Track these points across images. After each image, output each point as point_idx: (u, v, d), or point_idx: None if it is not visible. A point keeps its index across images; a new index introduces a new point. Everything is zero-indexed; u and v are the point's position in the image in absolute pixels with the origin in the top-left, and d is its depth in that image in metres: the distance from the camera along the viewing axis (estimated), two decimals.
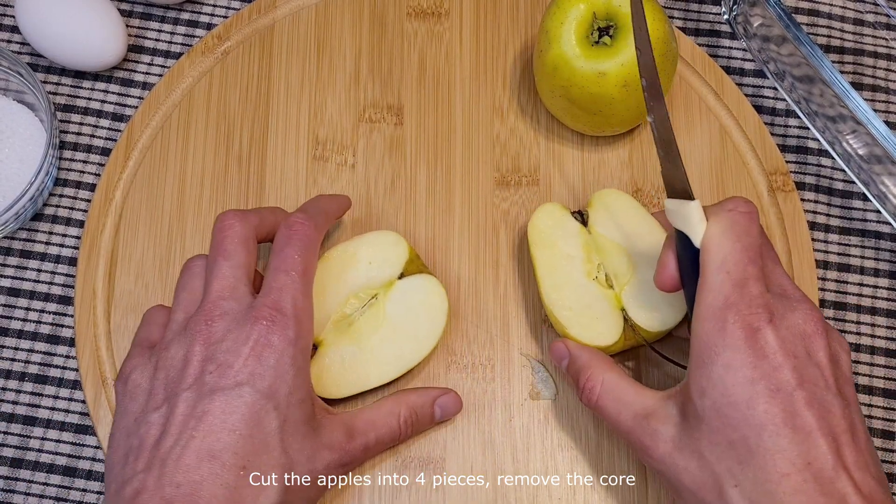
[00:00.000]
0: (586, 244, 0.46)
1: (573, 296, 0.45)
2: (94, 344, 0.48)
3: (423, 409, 0.44)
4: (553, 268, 0.45)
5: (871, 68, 0.54)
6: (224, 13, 0.55)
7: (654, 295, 0.44)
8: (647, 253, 0.45)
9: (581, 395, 0.43)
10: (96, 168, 0.52)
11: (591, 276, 0.45)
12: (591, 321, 0.44)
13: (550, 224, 0.46)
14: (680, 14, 0.55)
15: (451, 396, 0.45)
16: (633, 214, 0.47)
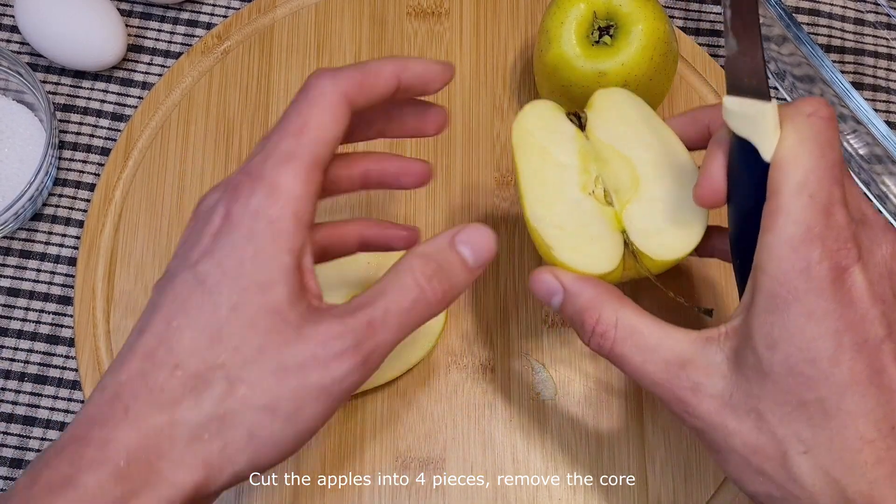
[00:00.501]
0: (583, 151, 0.39)
1: (564, 212, 0.37)
2: (94, 344, 0.47)
3: (443, 255, 0.33)
4: (541, 178, 0.38)
5: (872, 68, 0.54)
6: (224, 13, 0.55)
7: (662, 217, 0.37)
8: (656, 165, 0.38)
9: (589, 341, 0.35)
10: (96, 168, 0.52)
11: (587, 189, 0.38)
12: (584, 243, 0.37)
13: (540, 125, 0.39)
14: (680, 13, 0.55)
15: (473, 228, 0.34)
16: (641, 119, 0.39)
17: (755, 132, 0.32)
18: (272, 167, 0.32)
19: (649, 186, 0.38)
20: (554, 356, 0.48)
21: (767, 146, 0.32)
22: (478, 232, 0.34)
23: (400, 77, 0.35)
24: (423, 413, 0.46)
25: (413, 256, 0.33)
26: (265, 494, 0.45)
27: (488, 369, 0.47)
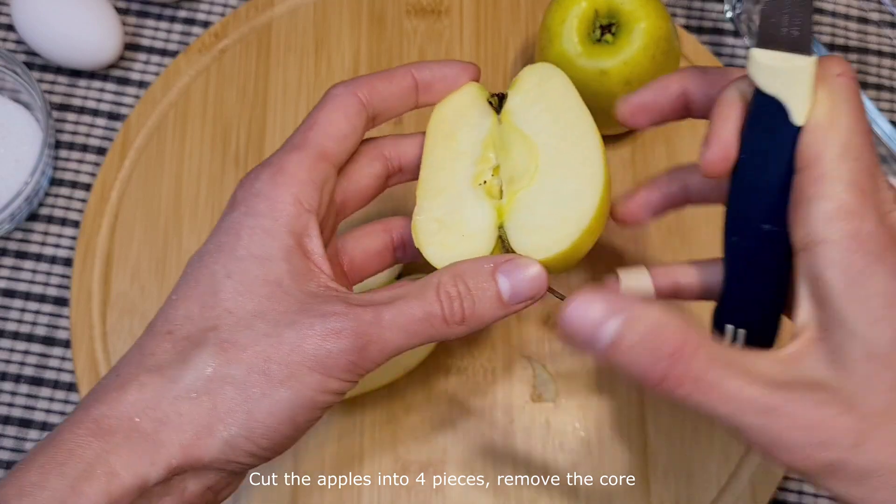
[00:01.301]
0: (489, 138, 0.36)
1: (446, 204, 0.35)
2: (90, 346, 0.47)
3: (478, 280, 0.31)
4: (437, 168, 0.36)
5: (876, 67, 0.54)
6: (221, 11, 0.55)
7: (546, 210, 0.33)
8: (558, 153, 0.34)
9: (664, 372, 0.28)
10: (92, 168, 0.51)
11: (479, 180, 0.35)
12: (454, 239, 0.34)
13: (456, 111, 0.36)
14: (683, 12, 0.55)
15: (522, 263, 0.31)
16: (562, 101, 0.35)
17: (789, 91, 0.29)
18: (279, 155, 0.33)
19: (544, 177, 0.34)
20: (555, 357, 0.47)
21: (801, 107, 0.29)
22: (525, 268, 0.31)
23: (415, 75, 0.35)
24: (423, 415, 0.46)
25: (447, 270, 0.32)
26: (265, 494, 0.45)
27: (489, 371, 0.47)
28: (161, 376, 0.29)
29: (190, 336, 0.30)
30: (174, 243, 0.49)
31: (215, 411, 0.29)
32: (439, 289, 0.31)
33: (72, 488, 0.27)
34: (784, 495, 0.47)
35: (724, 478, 0.45)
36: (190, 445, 0.29)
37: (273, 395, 0.29)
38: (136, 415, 0.29)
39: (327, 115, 0.34)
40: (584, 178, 0.33)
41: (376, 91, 0.35)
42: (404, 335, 0.31)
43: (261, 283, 0.31)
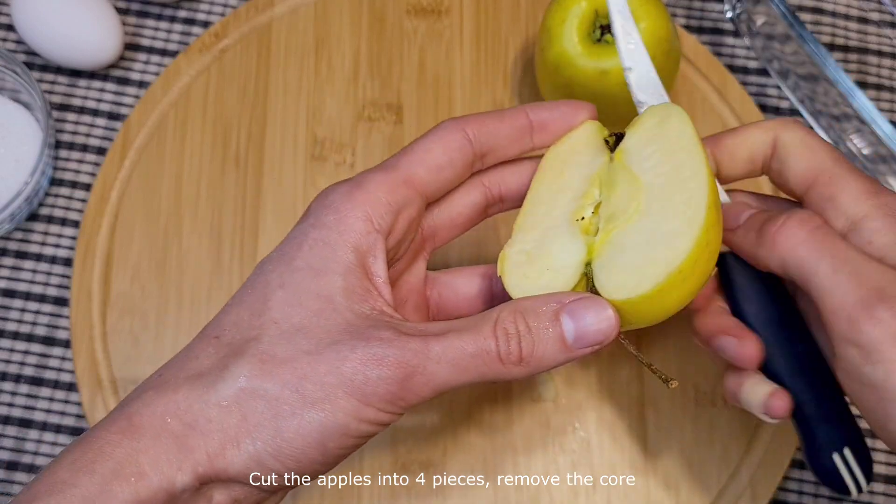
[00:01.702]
0: (598, 175, 0.35)
1: (538, 238, 0.34)
2: (90, 346, 0.47)
3: (541, 320, 0.30)
4: (540, 202, 0.35)
5: (876, 67, 0.54)
6: (221, 11, 0.55)
7: (637, 250, 0.31)
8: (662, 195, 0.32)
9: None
10: (92, 168, 0.51)
11: (578, 215, 0.34)
12: (538, 272, 0.33)
13: (571, 147, 0.36)
14: (683, 12, 0.55)
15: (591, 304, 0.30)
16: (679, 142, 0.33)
17: None
18: (364, 173, 0.32)
19: (643, 217, 0.32)
20: None
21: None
22: (594, 310, 0.30)
23: (530, 115, 0.35)
24: (423, 415, 0.46)
25: (508, 305, 0.30)
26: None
27: None
28: (198, 381, 0.29)
29: (233, 343, 0.30)
30: (174, 243, 0.49)
31: (244, 423, 0.28)
32: (497, 324, 0.30)
33: (101, 487, 0.27)
34: (784, 495, 0.47)
35: (724, 478, 0.45)
36: (216, 455, 0.28)
37: (303, 415, 0.28)
38: (168, 416, 0.28)
39: (425, 144, 0.33)
40: (684, 219, 0.31)
41: (486, 128, 0.34)
42: (453, 370, 0.29)
43: (312, 296, 0.30)
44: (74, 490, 0.27)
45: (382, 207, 0.32)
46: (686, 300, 0.31)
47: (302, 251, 0.31)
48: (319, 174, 0.50)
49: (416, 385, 0.29)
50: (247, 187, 0.50)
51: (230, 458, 0.28)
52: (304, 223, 0.32)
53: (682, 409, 0.46)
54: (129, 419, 0.29)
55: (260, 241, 0.49)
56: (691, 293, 0.31)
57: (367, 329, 0.29)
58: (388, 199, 0.32)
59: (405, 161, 0.33)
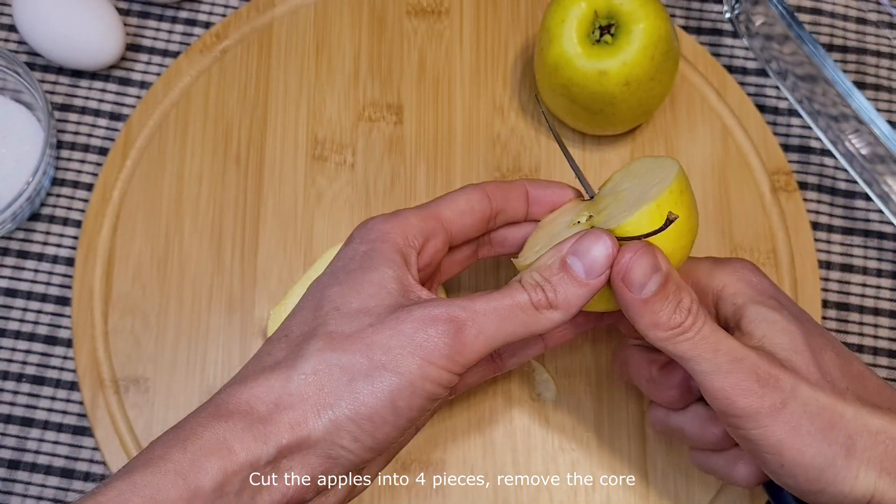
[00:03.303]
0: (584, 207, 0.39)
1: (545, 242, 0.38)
2: (92, 345, 0.47)
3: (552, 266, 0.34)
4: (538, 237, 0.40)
5: (874, 67, 0.54)
6: (222, 12, 0.55)
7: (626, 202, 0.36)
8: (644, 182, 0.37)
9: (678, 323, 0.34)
10: (94, 168, 0.52)
11: (574, 223, 0.38)
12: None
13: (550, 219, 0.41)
14: (682, 13, 0.55)
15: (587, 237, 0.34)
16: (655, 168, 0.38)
17: None
18: (410, 211, 0.38)
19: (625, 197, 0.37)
20: (555, 357, 0.47)
21: None
22: (591, 241, 0.34)
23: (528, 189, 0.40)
24: None
25: (525, 271, 0.35)
26: None
27: None
28: (276, 368, 0.32)
29: (302, 335, 0.33)
30: (176, 243, 0.49)
31: (322, 391, 0.32)
32: (522, 280, 0.34)
33: (192, 462, 0.30)
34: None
35: None
36: (298, 424, 0.31)
37: (375, 377, 0.32)
38: (252, 400, 0.32)
39: (452, 195, 0.39)
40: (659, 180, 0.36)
41: (500, 191, 0.39)
42: (498, 320, 0.33)
43: (366, 283, 0.34)
44: (168, 464, 0.30)
45: (415, 229, 0.37)
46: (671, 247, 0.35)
47: (355, 260, 0.35)
48: (320, 174, 0.51)
49: (468, 338, 0.33)
50: (247, 187, 0.50)
51: (312, 424, 0.31)
52: (349, 244, 0.36)
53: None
54: (217, 406, 0.32)
55: (261, 240, 0.49)
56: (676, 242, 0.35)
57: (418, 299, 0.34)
58: (420, 226, 0.37)
59: (435, 203, 0.38)
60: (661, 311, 0.34)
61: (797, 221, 0.50)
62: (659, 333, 0.34)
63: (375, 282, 0.34)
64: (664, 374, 0.39)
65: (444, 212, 0.38)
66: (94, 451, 0.47)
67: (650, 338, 0.34)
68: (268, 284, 0.49)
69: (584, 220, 0.37)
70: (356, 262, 0.35)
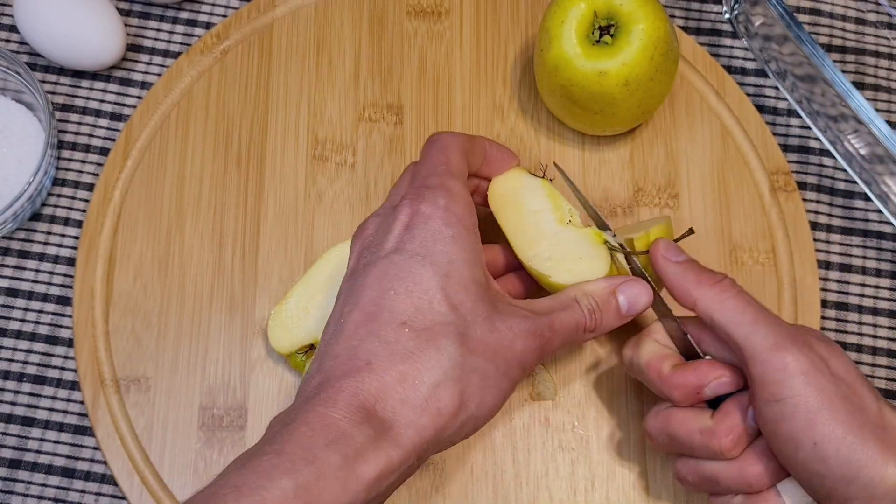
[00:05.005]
0: (551, 193, 0.44)
1: (550, 245, 0.42)
2: (93, 344, 0.47)
3: (604, 298, 0.40)
4: (522, 226, 0.43)
5: (873, 68, 0.54)
6: (223, 12, 0.55)
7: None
8: None
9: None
10: (95, 168, 0.52)
11: (564, 221, 0.43)
12: (575, 263, 0.41)
13: (510, 187, 0.44)
14: (681, 13, 0.55)
15: (634, 283, 0.40)
16: None
17: None
18: (441, 180, 0.38)
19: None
20: (555, 357, 0.47)
21: None
22: (637, 288, 0.40)
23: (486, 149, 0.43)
24: None
25: (579, 290, 0.40)
26: None
27: None
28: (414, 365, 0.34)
29: (428, 328, 0.35)
30: (177, 243, 0.49)
31: (461, 397, 0.34)
32: (581, 304, 0.39)
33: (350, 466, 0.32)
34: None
35: None
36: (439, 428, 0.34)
37: (500, 385, 0.36)
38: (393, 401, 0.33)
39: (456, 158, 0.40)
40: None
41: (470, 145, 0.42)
42: (562, 340, 0.39)
43: (473, 283, 0.36)
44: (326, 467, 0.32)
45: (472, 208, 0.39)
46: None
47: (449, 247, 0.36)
48: (321, 174, 0.51)
49: (545, 353, 0.38)
50: (248, 187, 0.50)
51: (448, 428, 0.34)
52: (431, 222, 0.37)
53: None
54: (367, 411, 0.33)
55: (261, 240, 0.49)
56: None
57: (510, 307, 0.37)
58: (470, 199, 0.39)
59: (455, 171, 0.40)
60: (700, 271, 0.39)
61: (796, 221, 0.50)
62: (704, 289, 0.39)
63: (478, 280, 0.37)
64: (720, 419, 0.39)
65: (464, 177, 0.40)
66: (94, 451, 0.47)
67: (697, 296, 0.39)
68: (269, 284, 0.49)
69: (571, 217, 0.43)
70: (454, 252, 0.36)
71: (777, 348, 0.36)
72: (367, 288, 0.36)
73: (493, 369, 0.36)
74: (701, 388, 0.39)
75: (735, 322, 0.38)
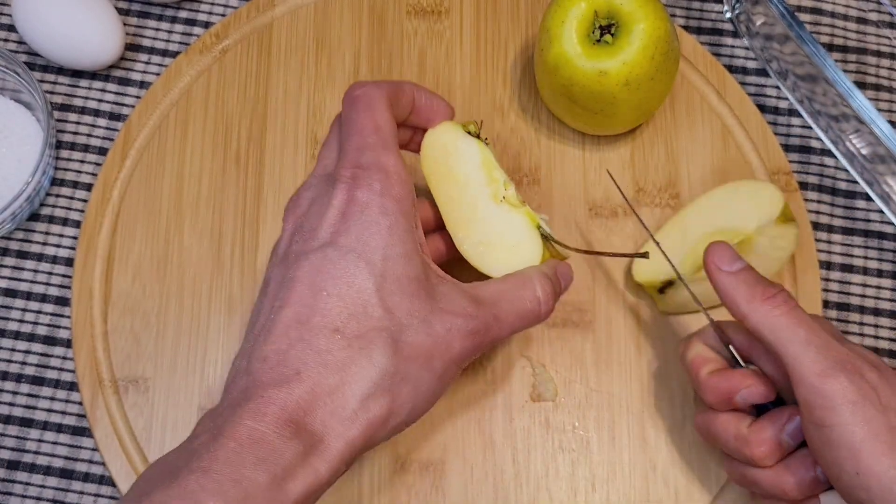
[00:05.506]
0: (486, 161, 0.41)
1: (482, 228, 0.41)
2: (91, 345, 0.47)
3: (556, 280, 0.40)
4: (454, 200, 0.41)
5: (875, 67, 0.54)
6: (222, 11, 0.55)
7: None
8: None
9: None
10: (93, 168, 0.52)
11: (498, 197, 0.41)
12: (507, 252, 0.40)
13: (441, 147, 0.42)
14: (682, 13, 0.55)
15: (565, 264, 0.41)
16: None
17: None
18: (375, 156, 0.36)
19: None
20: (555, 357, 0.47)
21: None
22: (568, 269, 0.41)
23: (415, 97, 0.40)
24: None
25: (536, 276, 0.39)
26: None
27: (489, 370, 0.47)
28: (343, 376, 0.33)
29: (360, 336, 0.34)
30: (175, 243, 0.49)
31: (392, 405, 0.34)
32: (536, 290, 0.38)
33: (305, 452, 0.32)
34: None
35: (724, 477, 0.45)
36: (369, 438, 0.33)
37: (433, 389, 0.36)
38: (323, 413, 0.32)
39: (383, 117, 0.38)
40: None
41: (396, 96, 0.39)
42: (511, 330, 0.38)
43: (408, 280, 0.35)
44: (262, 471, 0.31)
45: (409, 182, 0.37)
46: None
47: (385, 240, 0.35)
48: None
49: (487, 346, 0.37)
50: (247, 187, 0.50)
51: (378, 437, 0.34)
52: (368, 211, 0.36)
53: (682, 409, 0.46)
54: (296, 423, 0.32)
55: (260, 240, 0.49)
56: None
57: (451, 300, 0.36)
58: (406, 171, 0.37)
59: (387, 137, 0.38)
60: (754, 283, 0.38)
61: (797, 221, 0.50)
62: (755, 305, 0.38)
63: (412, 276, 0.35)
64: (755, 430, 0.39)
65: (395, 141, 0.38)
66: (93, 452, 0.47)
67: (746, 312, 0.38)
68: None
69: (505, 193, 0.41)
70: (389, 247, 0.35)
71: (825, 375, 0.36)
72: (299, 283, 0.34)
73: (427, 375, 0.35)
74: (732, 396, 0.39)
75: (785, 342, 0.37)
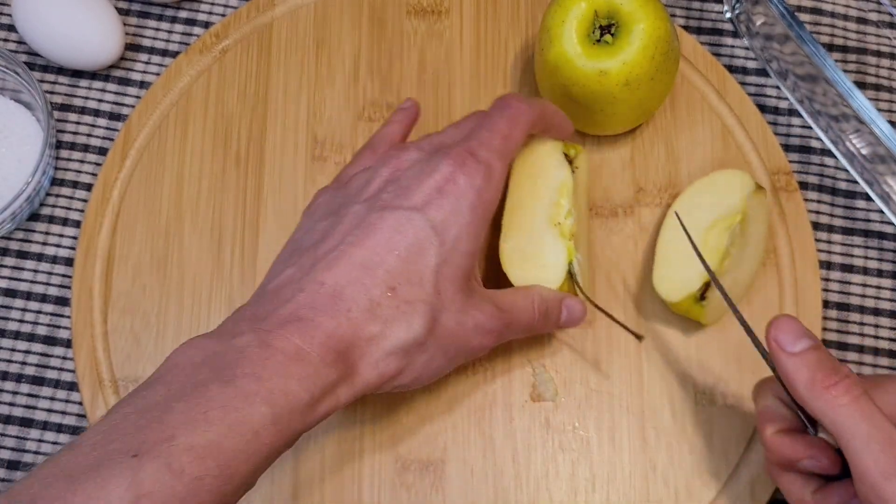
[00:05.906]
0: (563, 187, 0.45)
1: (527, 240, 0.44)
2: (91, 345, 0.47)
3: (553, 305, 0.43)
4: (521, 203, 0.45)
5: (875, 67, 0.54)
6: (222, 11, 0.55)
7: None
8: None
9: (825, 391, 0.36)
10: (93, 168, 0.52)
11: (554, 221, 0.44)
12: (535, 268, 0.44)
13: (538, 155, 0.46)
14: (682, 12, 0.55)
15: (578, 302, 0.44)
16: None
17: None
18: (489, 156, 0.40)
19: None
20: (555, 357, 0.47)
21: None
22: (579, 308, 0.43)
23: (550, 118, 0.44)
24: (422, 415, 0.46)
25: (535, 294, 0.42)
26: (266, 493, 0.45)
27: (489, 370, 0.47)
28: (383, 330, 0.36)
29: (409, 301, 0.37)
30: (175, 243, 0.49)
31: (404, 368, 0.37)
32: (535, 306, 0.42)
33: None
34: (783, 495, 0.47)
35: (724, 478, 0.45)
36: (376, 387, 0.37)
37: (440, 368, 0.39)
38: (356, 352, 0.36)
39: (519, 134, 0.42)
40: None
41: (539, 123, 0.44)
42: (513, 336, 0.42)
43: (461, 274, 0.39)
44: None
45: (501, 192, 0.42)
46: None
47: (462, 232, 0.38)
48: (320, 174, 0.50)
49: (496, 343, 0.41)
50: (247, 187, 0.50)
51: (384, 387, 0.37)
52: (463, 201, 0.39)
53: (682, 409, 0.46)
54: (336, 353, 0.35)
55: (260, 240, 0.49)
56: None
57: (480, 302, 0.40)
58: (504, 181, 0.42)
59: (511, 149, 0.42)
60: (816, 367, 0.36)
61: (797, 221, 0.50)
62: (816, 392, 0.35)
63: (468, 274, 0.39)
64: (819, 499, 0.38)
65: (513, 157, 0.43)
66: None
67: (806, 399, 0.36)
68: None
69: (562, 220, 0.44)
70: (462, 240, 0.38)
71: (888, 477, 0.34)
72: (379, 232, 0.37)
73: (441, 355, 0.38)
74: (794, 463, 0.38)
75: (847, 433, 0.35)
